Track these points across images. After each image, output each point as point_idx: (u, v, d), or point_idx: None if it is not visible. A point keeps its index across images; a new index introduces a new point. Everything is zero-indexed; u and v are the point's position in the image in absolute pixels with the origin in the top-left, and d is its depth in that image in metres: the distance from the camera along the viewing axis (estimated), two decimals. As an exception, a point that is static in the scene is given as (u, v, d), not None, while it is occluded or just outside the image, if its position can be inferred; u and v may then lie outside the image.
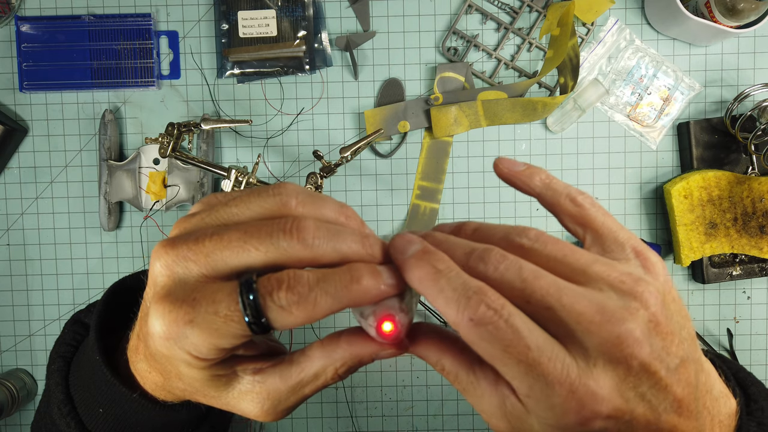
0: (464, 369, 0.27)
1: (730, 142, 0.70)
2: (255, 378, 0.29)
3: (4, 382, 0.68)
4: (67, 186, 0.72)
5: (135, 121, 0.72)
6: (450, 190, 0.72)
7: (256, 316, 0.25)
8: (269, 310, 0.25)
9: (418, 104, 0.71)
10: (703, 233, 0.68)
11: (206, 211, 0.27)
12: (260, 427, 0.73)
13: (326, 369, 0.29)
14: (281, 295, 0.25)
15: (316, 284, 0.25)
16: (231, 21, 0.70)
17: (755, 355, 0.72)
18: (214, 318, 0.25)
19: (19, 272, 0.73)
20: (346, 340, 0.29)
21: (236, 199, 0.27)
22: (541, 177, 0.31)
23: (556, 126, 0.71)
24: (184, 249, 0.26)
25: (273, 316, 0.25)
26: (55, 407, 0.36)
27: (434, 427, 0.73)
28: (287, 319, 0.25)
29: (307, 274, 0.25)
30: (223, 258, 0.25)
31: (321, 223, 0.26)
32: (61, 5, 0.70)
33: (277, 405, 0.29)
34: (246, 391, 0.29)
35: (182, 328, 0.25)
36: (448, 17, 0.71)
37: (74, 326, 0.40)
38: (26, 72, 0.70)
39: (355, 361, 0.29)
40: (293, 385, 0.29)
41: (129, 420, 0.34)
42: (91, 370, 0.34)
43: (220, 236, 0.26)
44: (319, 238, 0.26)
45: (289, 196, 0.27)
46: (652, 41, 0.71)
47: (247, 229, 0.26)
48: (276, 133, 0.72)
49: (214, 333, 0.25)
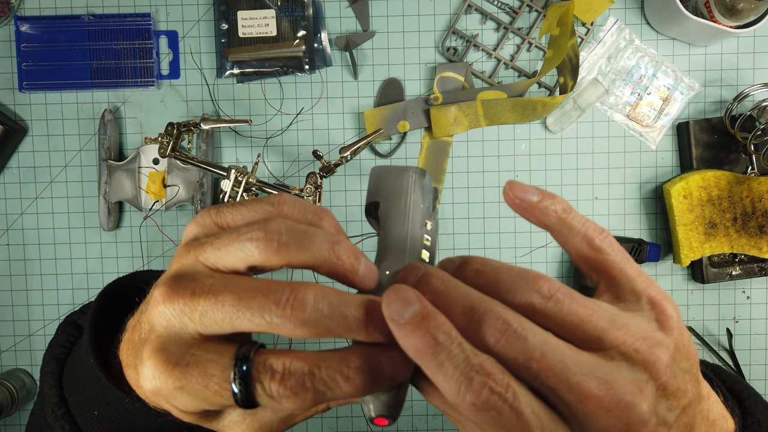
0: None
1: (729, 142, 0.70)
2: (246, 411, 0.29)
3: (3, 382, 0.68)
4: (67, 186, 0.72)
5: (134, 121, 0.72)
6: (450, 190, 0.72)
7: (245, 396, 0.24)
8: (259, 396, 0.24)
9: (418, 104, 0.70)
10: (702, 233, 0.68)
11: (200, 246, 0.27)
12: (260, 427, 0.73)
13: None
14: (273, 386, 0.24)
15: (311, 379, 0.24)
16: (231, 21, 0.70)
17: (755, 355, 0.72)
18: (204, 391, 0.25)
19: (19, 272, 0.73)
20: None
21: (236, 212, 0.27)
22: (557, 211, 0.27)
23: (556, 126, 0.71)
24: (181, 304, 0.25)
25: (262, 401, 0.25)
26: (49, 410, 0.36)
27: (434, 427, 0.73)
28: (275, 407, 0.25)
29: (302, 366, 0.24)
30: (215, 320, 0.25)
31: (321, 295, 0.25)
32: (61, 5, 0.70)
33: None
34: (237, 422, 0.29)
35: (171, 390, 0.25)
36: (448, 17, 0.71)
37: (67, 328, 0.40)
38: (26, 72, 0.70)
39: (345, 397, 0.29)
40: (284, 417, 0.29)
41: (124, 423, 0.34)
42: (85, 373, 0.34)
43: (215, 296, 0.25)
44: (317, 312, 0.24)
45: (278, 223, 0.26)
46: (651, 41, 0.71)
47: (241, 295, 0.25)
48: (276, 133, 0.72)
49: (203, 401, 0.25)
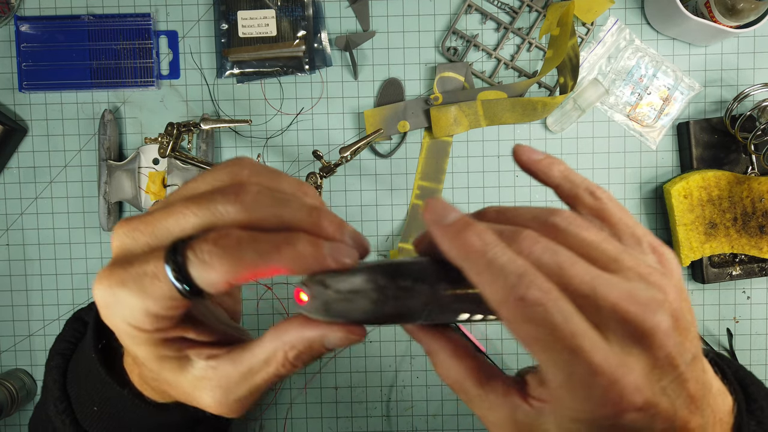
0: (472, 379, 0.27)
1: (729, 142, 0.70)
2: (208, 363, 0.28)
3: (3, 383, 0.68)
4: (67, 186, 0.72)
5: (134, 121, 0.72)
6: (450, 190, 0.72)
7: (178, 271, 0.24)
8: (190, 264, 0.24)
9: (418, 104, 0.70)
10: (702, 233, 0.68)
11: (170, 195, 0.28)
12: (260, 428, 0.73)
13: (276, 353, 0.27)
14: (204, 247, 0.24)
15: (244, 240, 0.24)
16: (230, 21, 0.70)
17: (755, 355, 0.72)
18: (143, 278, 0.24)
19: (19, 272, 0.72)
20: (298, 322, 0.27)
21: (195, 177, 0.27)
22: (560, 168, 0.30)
23: (556, 126, 0.71)
24: (136, 222, 0.26)
25: (195, 271, 0.24)
26: (51, 404, 0.36)
27: (434, 427, 0.73)
28: (210, 274, 0.24)
29: (237, 232, 0.24)
30: (166, 226, 0.25)
31: (266, 189, 0.25)
32: (61, 5, 0.70)
33: (228, 393, 0.28)
34: (200, 377, 0.28)
35: (114, 290, 0.25)
36: (448, 17, 0.71)
37: (75, 324, 0.40)
38: (26, 72, 0.70)
39: (304, 344, 0.27)
40: (244, 371, 0.27)
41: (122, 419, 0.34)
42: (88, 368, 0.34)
43: (167, 207, 0.25)
44: (260, 203, 0.25)
45: (242, 167, 0.26)
46: (651, 41, 0.71)
47: (189, 196, 0.25)
48: (275, 133, 0.72)
49: (143, 294, 0.24)
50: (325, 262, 0.25)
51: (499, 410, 0.26)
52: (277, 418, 0.73)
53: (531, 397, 0.25)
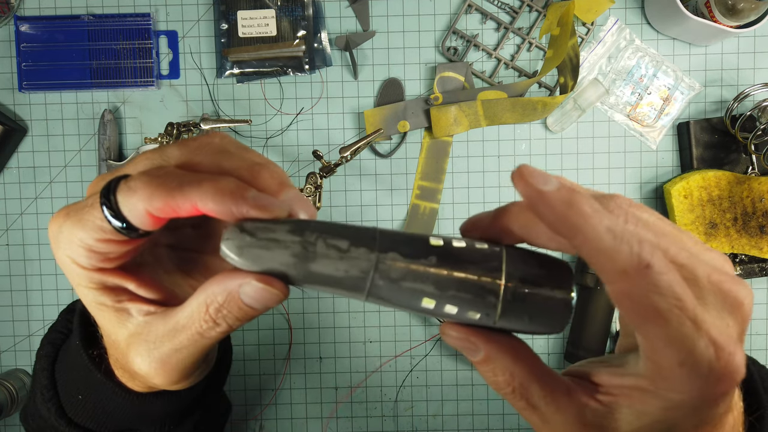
0: (538, 382, 0.25)
1: (730, 142, 0.69)
2: (144, 319, 0.27)
3: (3, 383, 0.68)
4: (67, 186, 0.72)
5: (134, 121, 0.72)
6: (450, 190, 0.72)
7: (106, 197, 0.24)
8: (119, 191, 0.24)
9: (418, 104, 0.70)
10: (703, 233, 0.68)
11: None
12: (260, 428, 0.73)
13: (199, 308, 0.25)
14: (135, 178, 0.24)
15: (171, 173, 0.24)
16: (230, 21, 0.69)
17: (755, 356, 0.72)
18: (83, 209, 0.25)
19: (19, 272, 0.72)
20: (222, 274, 0.26)
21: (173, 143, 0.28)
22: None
23: (556, 126, 0.71)
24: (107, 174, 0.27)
25: (121, 197, 0.24)
26: (38, 392, 0.36)
27: (434, 427, 0.73)
28: (131, 200, 0.24)
29: (171, 168, 0.25)
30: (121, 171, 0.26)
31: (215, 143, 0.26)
32: (61, 5, 0.70)
33: (152, 350, 0.26)
34: (135, 333, 0.27)
35: (60, 222, 0.26)
36: (448, 17, 0.71)
37: (68, 314, 0.40)
38: (25, 72, 0.70)
39: (224, 295, 0.25)
40: (170, 328, 0.26)
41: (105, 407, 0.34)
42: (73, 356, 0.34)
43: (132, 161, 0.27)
44: (203, 149, 0.25)
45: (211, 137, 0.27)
46: (652, 41, 0.71)
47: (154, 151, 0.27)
48: (275, 133, 0.72)
49: (79, 223, 0.25)
50: (245, 204, 0.23)
51: (566, 412, 0.24)
52: (277, 418, 0.73)
53: (600, 394, 0.24)
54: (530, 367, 0.25)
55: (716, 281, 0.22)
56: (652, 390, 0.22)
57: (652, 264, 0.20)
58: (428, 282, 0.24)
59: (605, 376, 0.24)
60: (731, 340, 0.21)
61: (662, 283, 0.20)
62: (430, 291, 0.24)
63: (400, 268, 0.24)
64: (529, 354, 0.25)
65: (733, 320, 0.22)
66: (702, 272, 0.22)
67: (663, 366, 0.21)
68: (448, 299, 0.24)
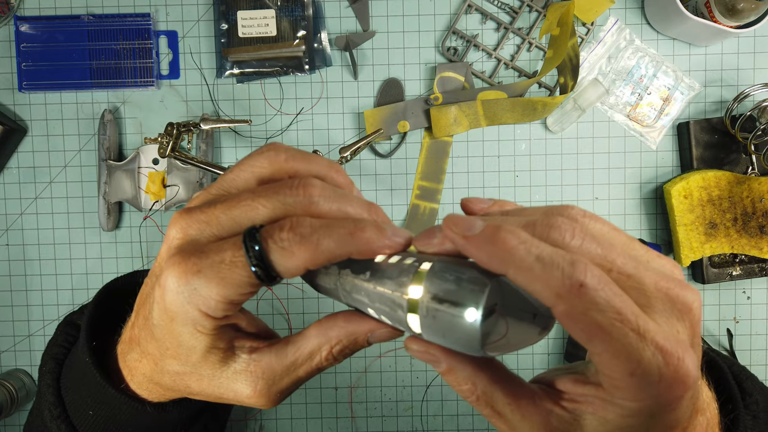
0: (502, 390, 0.25)
1: (730, 142, 0.69)
2: (251, 357, 0.29)
3: (3, 383, 0.68)
4: (66, 186, 0.72)
5: (134, 121, 0.72)
6: (450, 190, 0.72)
7: (259, 259, 0.25)
8: (271, 251, 0.25)
9: (418, 104, 0.70)
10: (703, 233, 0.68)
11: (209, 186, 0.29)
12: (259, 428, 0.73)
13: (321, 348, 0.28)
14: (283, 235, 0.25)
15: (319, 227, 0.25)
16: (230, 21, 0.69)
17: (755, 355, 0.72)
18: (221, 266, 0.25)
19: (18, 272, 0.72)
20: (344, 318, 0.29)
21: (232, 168, 0.28)
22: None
23: (556, 126, 0.71)
24: (198, 213, 0.27)
25: (275, 258, 0.25)
26: (46, 409, 0.36)
27: (434, 428, 0.73)
28: (290, 260, 0.25)
29: (310, 219, 0.25)
30: (232, 217, 0.26)
31: (327, 185, 0.27)
32: (60, 5, 0.70)
33: (271, 385, 0.29)
34: (240, 371, 0.29)
35: (191, 278, 0.25)
36: (448, 17, 0.71)
37: (66, 328, 0.39)
38: (25, 72, 0.70)
39: (350, 339, 0.28)
40: (288, 364, 0.28)
41: (119, 422, 0.34)
42: (82, 372, 0.34)
43: (231, 199, 0.27)
44: (325, 197, 0.26)
45: (277, 152, 0.28)
46: (652, 41, 0.71)
47: (255, 190, 0.27)
48: (275, 133, 0.72)
49: (221, 282, 0.25)
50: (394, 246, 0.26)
51: (532, 419, 0.25)
52: (277, 418, 0.73)
53: (565, 401, 0.25)
54: (492, 376, 0.26)
55: (663, 288, 0.23)
56: (610, 399, 0.23)
57: (586, 283, 0.21)
58: (365, 294, 0.27)
59: (569, 384, 0.25)
60: (679, 345, 0.21)
61: (599, 299, 0.21)
62: (367, 302, 0.27)
63: (349, 281, 0.27)
64: (491, 364, 0.26)
65: (682, 325, 0.23)
66: (649, 281, 0.23)
67: (614, 377, 0.22)
68: (378, 311, 0.27)
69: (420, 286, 0.24)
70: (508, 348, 0.24)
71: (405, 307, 0.25)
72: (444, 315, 0.23)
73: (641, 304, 0.22)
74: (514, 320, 0.24)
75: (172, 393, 0.32)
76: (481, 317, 0.22)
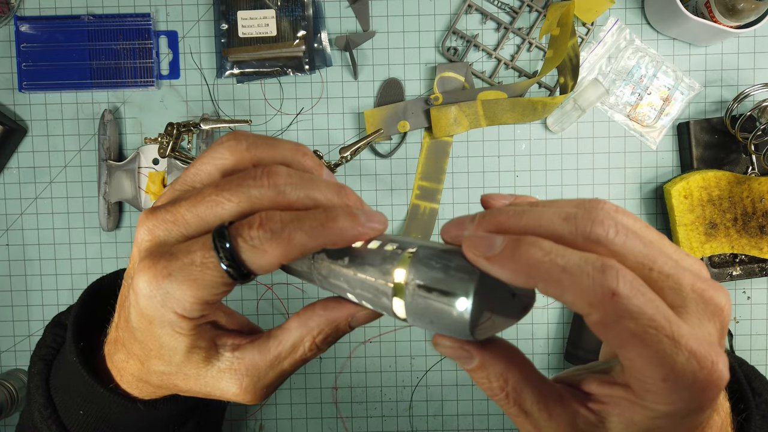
0: (530, 389, 0.25)
1: (730, 142, 0.69)
2: (234, 354, 0.28)
3: (3, 383, 0.68)
4: (67, 186, 0.72)
5: (134, 121, 0.72)
6: (450, 190, 0.72)
7: (230, 259, 0.24)
8: (242, 250, 0.24)
9: (418, 104, 0.70)
10: (703, 233, 0.68)
11: (173, 182, 0.28)
12: (259, 428, 0.73)
13: (303, 339, 0.28)
14: (253, 233, 0.24)
15: (289, 221, 0.24)
16: (230, 21, 0.69)
17: (755, 355, 0.72)
18: (191, 268, 0.25)
19: (18, 272, 0.72)
20: (321, 306, 0.28)
21: (194, 161, 0.28)
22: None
23: (556, 126, 0.71)
24: (163, 212, 0.26)
25: (247, 256, 0.24)
26: (36, 411, 0.36)
27: (434, 428, 0.73)
28: (262, 258, 0.24)
29: (279, 213, 0.25)
30: (198, 214, 0.25)
31: (293, 171, 0.26)
32: (61, 5, 0.70)
33: (256, 382, 0.28)
34: (225, 369, 0.28)
35: (162, 282, 0.25)
36: (448, 17, 0.71)
37: (54, 328, 0.39)
38: (25, 72, 0.70)
39: (331, 327, 0.28)
40: (271, 359, 0.28)
41: (110, 420, 0.34)
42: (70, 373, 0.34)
43: (195, 195, 0.26)
44: (292, 185, 0.25)
45: (238, 141, 0.27)
46: (652, 41, 0.71)
47: (218, 184, 0.26)
48: (275, 133, 0.72)
49: (193, 284, 0.25)
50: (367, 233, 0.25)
51: (559, 419, 0.24)
52: (277, 418, 0.73)
53: (591, 402, 0.24)
54: (524, 373, 0.25)
55: (699, 289, 0.22)
56: (638, 401, 0.23)
57: (618, 291, 0.20)
58: (344, 280, 0.26)
59: (595, 385, 0.25)
60: (712, 349, 0.21)
61: (632, 308, 0.20)
62: (347, 288, 0.27)
63: (326, 266, 0.27)
64: (522, 360, 0.26)
65: (713, 326, 0.22)
66: (686, 281, 0.22)
67: (647, 382, 0.22)
68: (359, 296, 0.27)
69: (404, 272, 0.24)
70: (494, 329, 0.24)
71: (390, 294, 0.25)
72: (433, 303, 0.23)
73: (676, 304, 0.22)
74: (497, 302, 0.24)
75: (162, 390, 0.32)
76: (471, 307, 0.22)
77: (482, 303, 0.23)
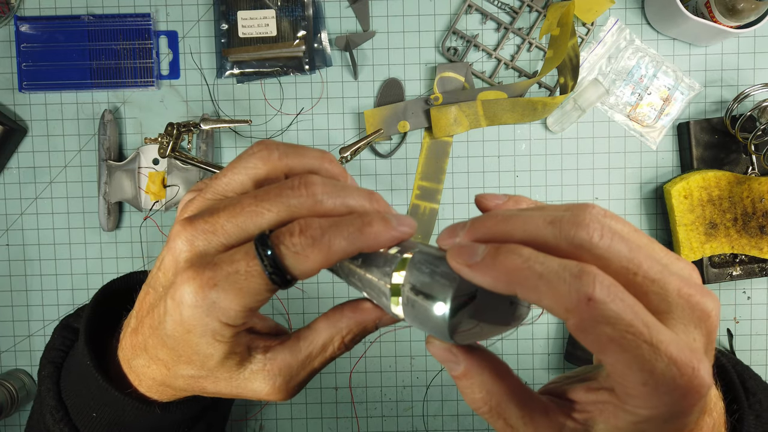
0: (515, 401, 0.25)
1: (730, 142, 0.69)
2: (266, 356, 0.30)
3: (3, 383, 0.68)
4: (67, 186, 0.72)
5: (134, 121, 0.72)
6: (450, 190, 0.72)
7: (274, 266, 0.25)
8: (285, 257, 0.25)
9: (418, 104, 0.70)
10: (703, 233, 0.68)
11: (203, 191, 0.29)
12: (259, 428, 0.73)
13: (333, 339, 0.30)
14: (294, 240, 0.25)
15: (328, 228, 0.25)
16: (230, 21, 0.69)
17: (755, 355, 0.72)
18: (236, 277, 0.25)
19: (19, 273, 0.72)
20: (350, 308, 0.30)
21: (225, 170, 0.28)
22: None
23: (556, 126, 0.71)
24: (201, 223, 0.27)
25: (290, 262, 0.25)
26: (47, 413, 0.36)
27: (434, 428, 0.73)
28: (305, 264, 0.25)
29: (317, 220, 0.26)
30: (238, 224, 0.26)
31: (327, 180, 0.27)
32: (61, 5, 0.70)
33: (289, 381, 0.30)
34: (257, 370, 0.29)
35: (208, 292, 0.26)
36: (448, 17, 0.71)
37: (63, 331, 0.39)
38: (25, 72, 0.70)
39: (360, 328, 0.30)
40: (303, 358, 0.30)
41: (123, 423, 0.34)
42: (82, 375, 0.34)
43: (233, 206, 0.27)
44: (328, 194, 0.27)
45: (270, 150, 0.28)
46: (652, 41, 0.71)
47: (256, 195, 0.27)
48: (276, 134, 0.72)
49: (239, 292, 0.26)
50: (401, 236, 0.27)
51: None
52: (277, 418, 0.73)
53: (576, 411, 0.25)
54: (509, 387, 0.25)
55: (686, 295, 0.22)
56: (621, 405, 0.23)
57: (594, 296, 0.20)
58: (357, 279, 0.28)
59: (581, 392, 0.25)
60: (694, 355, 0.21)
61: (608, 313, 0.21)
62: (361, 286, 0.29)
63: (346, 266, 0.29)
64: (508, 373, 0.26)
65: (699, 333, 0.22)
66: (672, 286, 0.22)
67: (628, 386, 0.22)
68: (369, 295, 0.28)
69: (400, 275, 0.26)
70: (482, 336, 0.25)
71: (388, 294, 0.26)
72: (420, 305, 0.25)
73: (661, 310, 0.22)
74: (491, 309, 0.25)
75: (184, 393, 0.32)
76: (449, 311, 0.23)
77: (467, 309, 0.24)
